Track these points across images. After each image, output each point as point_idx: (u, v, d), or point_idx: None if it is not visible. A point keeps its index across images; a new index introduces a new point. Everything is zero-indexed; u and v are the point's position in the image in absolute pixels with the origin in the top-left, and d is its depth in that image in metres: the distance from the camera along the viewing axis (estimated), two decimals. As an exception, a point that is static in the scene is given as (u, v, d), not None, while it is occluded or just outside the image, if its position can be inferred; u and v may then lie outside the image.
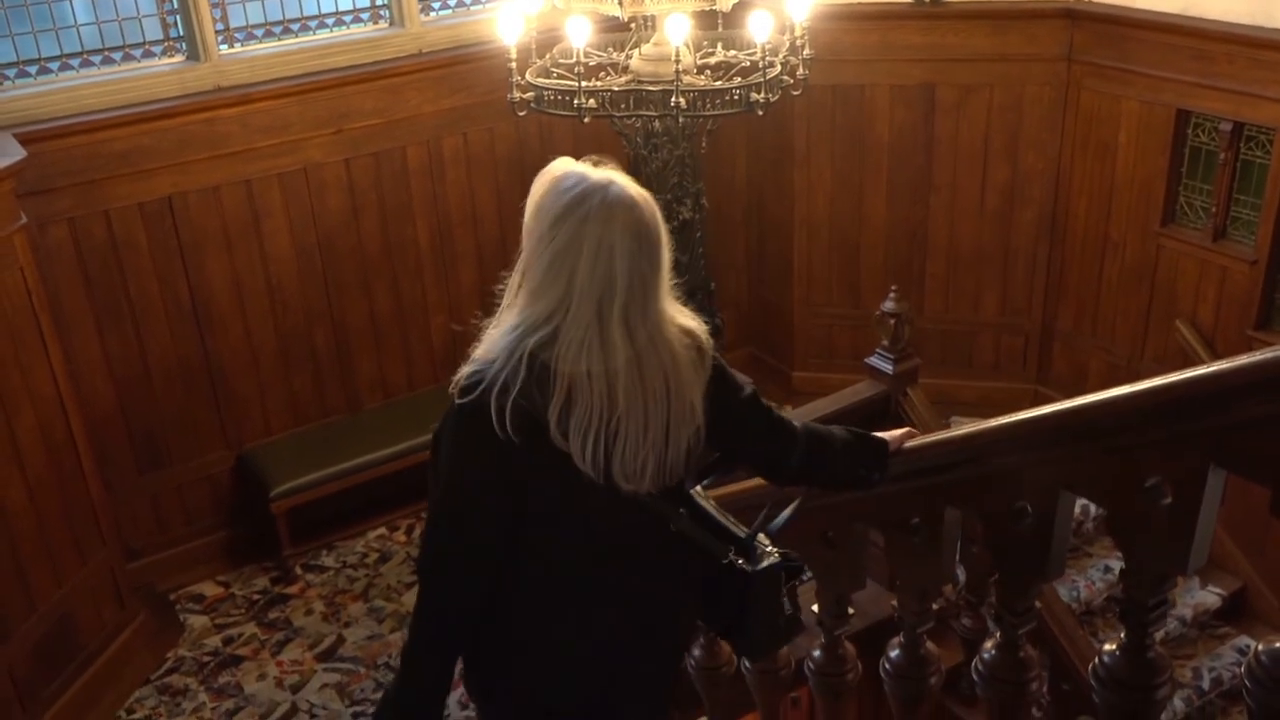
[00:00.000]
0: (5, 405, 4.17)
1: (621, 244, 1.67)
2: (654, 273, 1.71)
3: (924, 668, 2.26)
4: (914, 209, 5.97)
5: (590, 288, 1.67)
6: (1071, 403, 1.74)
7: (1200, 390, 1.52)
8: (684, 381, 1.74)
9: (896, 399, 4.58)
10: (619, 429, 1.68)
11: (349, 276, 5.57)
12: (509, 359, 1.69)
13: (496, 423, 1.65)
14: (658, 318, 1.73)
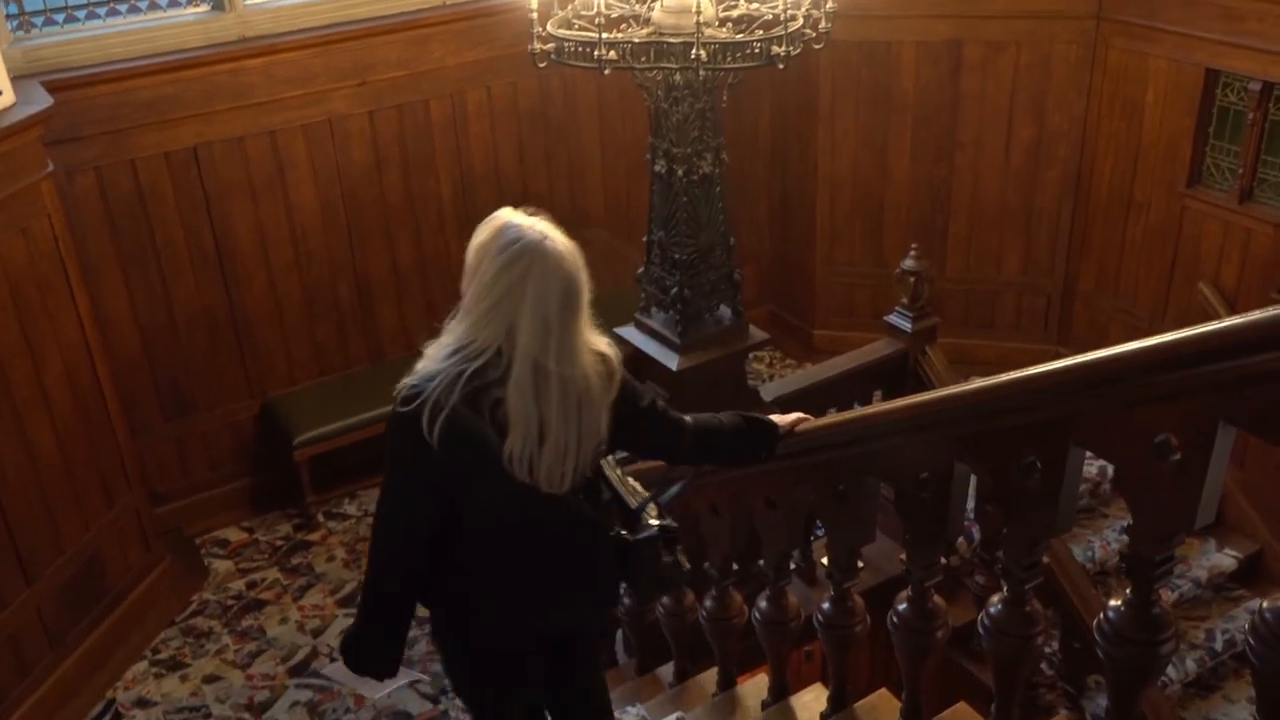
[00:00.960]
0: (34, 352, 4.23)
1: (555, 295, 2.00)
2: (577, 315, 2.04)
3: (931, 621, 2.29)
4: (938, 167, 5.93)
5: (530, 335, 1.99)
6: (1082, 357, 1.75)
7: (1210, 345, 1.52)
8: (595, 403, 2.09)
9: (914, 357, 4.58)
10: (544, 450, 2.03)
11: (372, 228, 5.60)
12: (444, 380, 2.00)
13: (426, 432, 1.97)
14: (579, 351, 2.05)
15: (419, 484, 2.07)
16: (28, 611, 4.31)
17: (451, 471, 2.03)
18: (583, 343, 2.06)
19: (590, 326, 2.10)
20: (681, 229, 3.71)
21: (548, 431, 2.02)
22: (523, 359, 1.99)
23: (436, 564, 2.16)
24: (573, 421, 2.04)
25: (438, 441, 1.96)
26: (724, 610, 3.07)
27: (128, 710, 4.48)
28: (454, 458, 2.00)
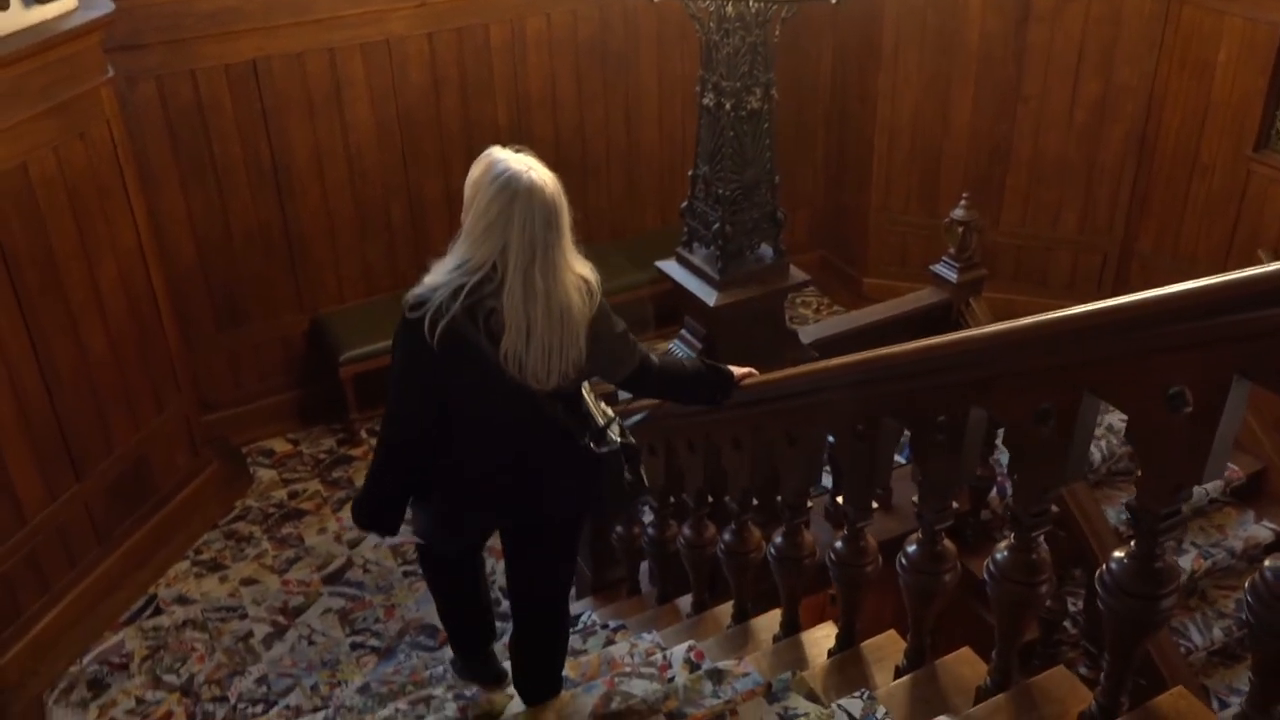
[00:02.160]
0: (90, 255, 4.34)
1: (539, 217, 2.27)
2: (559, 236, 2.32)
3: (939, 564, 2.30)
4: (1000, 119, 5.81)
5: (519, 251, 2.27)
6: (1098, 303, 1.73)
7: (1228, 296, 1.50)
8: (575, 315, 2.35)
9: (958, 308, 4.54)
10: (531, 349, 2.31)
11: (427, 151, 5.63)
12: (446, 291, 2.29)
13: (428, 335, 2.27)
14: (562, 268, 2.32)
15: (420, 379, 2.39)
16: (76, 506, 4.47)
17: (446, 370, 2.34)
18: (565, 261, 2.34)
19: (573, 251, 2.38)
20: (726, 164, 3.68)
21: (534, 333, 2.30)
22: (514, 273, 2.27)
23: (432, 452, 2.52)
24: (556, 327, 2.32)
25: (437, 343, 2.27)
26: (741, 545, 3.10)
27: (168, 606, 4.65)
28: (449, 358, 2.31)
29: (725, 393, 2.79)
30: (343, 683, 4.19)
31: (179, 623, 4.56)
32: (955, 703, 2.31)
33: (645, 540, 3.78)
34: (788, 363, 4.12)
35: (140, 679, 4.29)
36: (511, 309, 2.27)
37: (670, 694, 2.80)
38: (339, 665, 4.30)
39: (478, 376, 2.36)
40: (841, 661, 2.68)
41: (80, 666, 4.36)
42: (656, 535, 3.70)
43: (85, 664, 4.37)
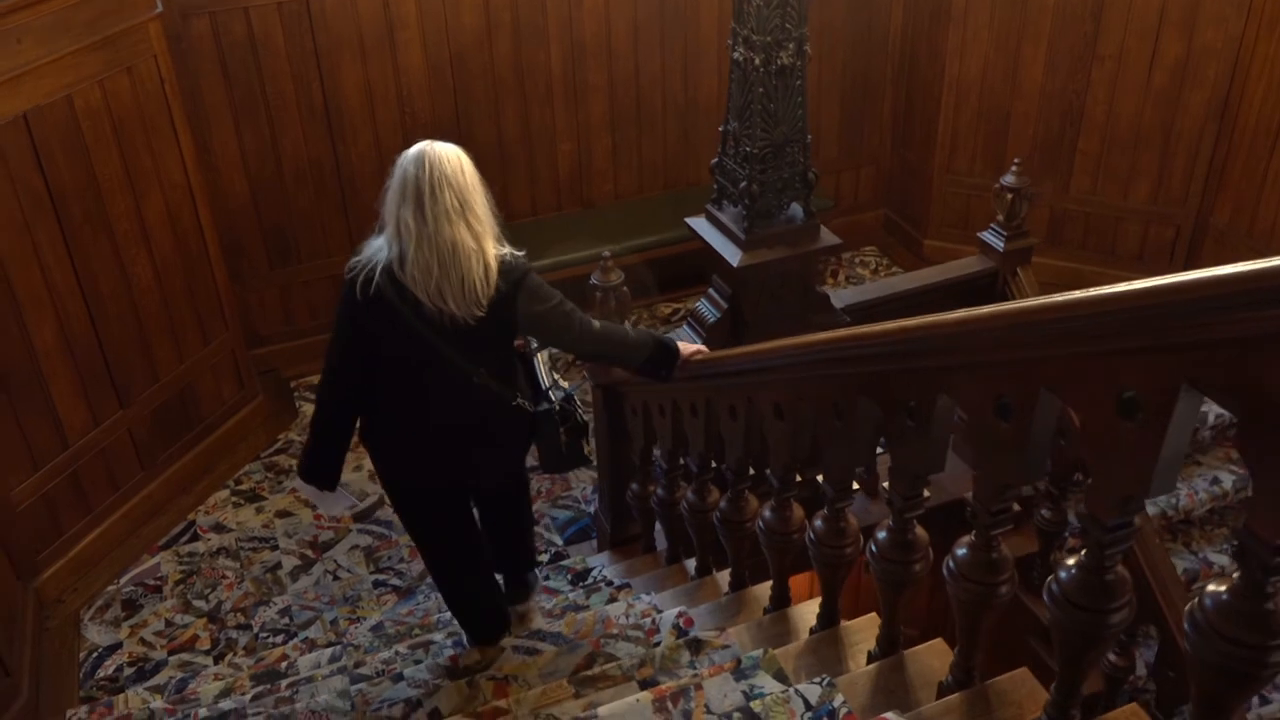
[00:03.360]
0: (135, 188, 4.43)
1: (440, 175, 2.63)
2: (466, 203, 2.64)
3: (909, 553, 2.22)
4: (1073, 80, 5.54)
5: (426, 211, 2.59)
6: (1053, 297, 1.63)
7: (1173, 299, 1.39)
8: (484, 267, 2.63)
9: (1004, 277, 4.37)
10: (429, 282, 2.58)
11: (479, 95, 5.60)
12: (379, 253, 2.65)
13: (358, 291, 2.62)
14: (471, 227, 2.63)
15: (349, 334, 2.73)
16: (120, 431, 4.62)
17: (371, 325, 2.67)
18: (473, 223, 2.64)
19: (492, 235, 2.70)
20: (756, 121, 3.57)
21: (429, 272, 2.58)
22: (418, 235, 2.58)
23: (364, 407, 2.84)
24: (448, 266, 2.58)
25: (362, 304, 2.61)
26: (737, 513, 3.05)
27: (205, 533, 4.79)
28: (371, 315, 2.64)
29: (666, 366, 3.01)
30: (360, 619, 4.28)
31: (213, 550, 4.69)
32: (918, 696, 2.24)
33: (654, 500, 3.75)
34: (816, 327, 4.04)
35: (172, 602, 4.44)
36: (418, 253, 2.58)
37: (647, 660, 2.79)
38: (360, 601, 4.39)
39: (399, 332, 2.65)
40: (819, 641, 2.62)
41: (117, 586, 4.53)
42: (665, 496, 3.67)
43: (122, 584, 4.53)
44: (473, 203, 2.66)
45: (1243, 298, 1.30)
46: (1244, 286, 1.29)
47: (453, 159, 2.66)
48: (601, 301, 3.74)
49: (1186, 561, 4.81)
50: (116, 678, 4.11)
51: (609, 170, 6.02)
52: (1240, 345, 1.34)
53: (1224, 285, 1.32)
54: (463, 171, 2.67)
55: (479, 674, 3.02)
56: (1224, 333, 1.36)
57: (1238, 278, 1.30)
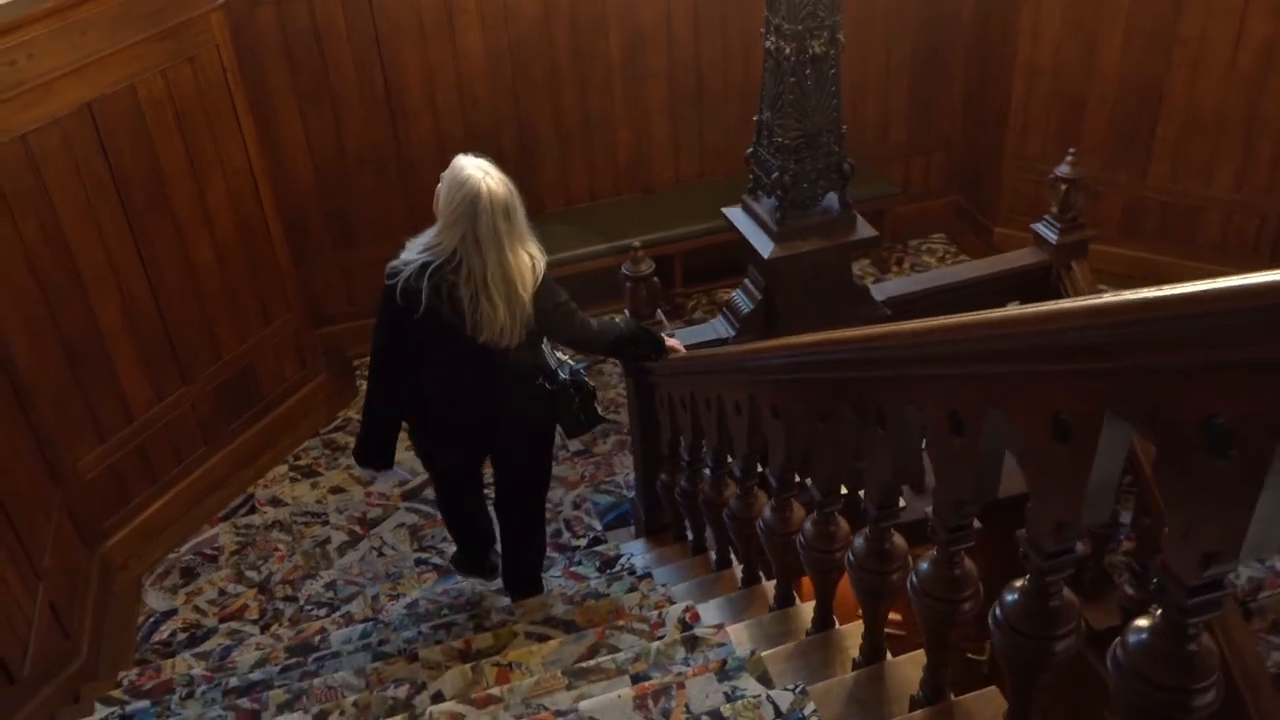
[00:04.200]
0: (197, 174, 4.58)
1: (496, 211, 2.92)
2: (513, 227, 2.97)
3: (886, 563, 2.18)
4: (1151, 62, 5.30)
5: (481, 237, 2.92)
6: (1001, 312, 1.57)
7: (1089, 324, 1.33)
8: (524, 289, 3.00)
9: (1057, 271, 4.23)
10: (483, 314, 2.96)
11: (538, 81, 5.62)
12: (414, 266, 2.99)
13: (398, 299, 2.98)
14: (514, 251, 2.97)
15: (392, 333, 3.07)
16: (183, 407, 4.80)
17: (413, 328, 2.98)
18: (519, 247, 2.98)
19: (527, 237, 3.02)
20: (788, 111, 3.51)
21: (484, 304, 2.95)
22: (472, 256, 2.93)
23: (411, 393, 3.21)
24: (501, 300, 2.95)
25: (404, 308, 2.96)
26: (746, 510, 3.04)
27: (261, 506, 4.96)
28: (414, 319, 2.95)
29: (651, 356, 3.52)
30: (400, 595, 4.38)
31: (268, 523, 4.86)
32: (891, 709, 2.21)
33: (678, 492, 3.76)
34: (855, 320, 3.97)
35: (226, 571, 4.62)
36: (472, 286, 2.93)
37: (642, 655, 2.80)
38: (401, 578, 4.50)
39: (440, 335, 3.01)
40: (811, 645, 2.60)
41: (178, 554, 4.72)
42: (688, 488, 3.67)
43: (182, 553, 4.73)
44: (519, 226, 2.99)
45: (1149, 325, 1.24)
46: (1147, 314, 1.23)
47: (501, 192, 2.94)
48: (632, 291, 3.75)
49: (1253, 570, 4.61)
50: (170, 642, 4.30)
51: (670, 156, 5.99)
52: (1153, 375, 1.28)
53: (1134, 311, 1.26)
54: (512, 195, 2.98)
55: (485, 659, 3.08)
56: (1139, 361, 1.30)
57: (1144, 304, 1.25)
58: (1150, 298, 1.22)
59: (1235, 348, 1.13)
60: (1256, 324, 1.08)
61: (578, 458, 5.11)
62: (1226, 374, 1.15)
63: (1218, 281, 1.13)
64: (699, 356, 3.07)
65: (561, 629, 3.31)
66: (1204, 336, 1.16)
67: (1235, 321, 1.11)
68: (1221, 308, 1.11)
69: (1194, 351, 1.19)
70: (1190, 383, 1.20)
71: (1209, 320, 1.14)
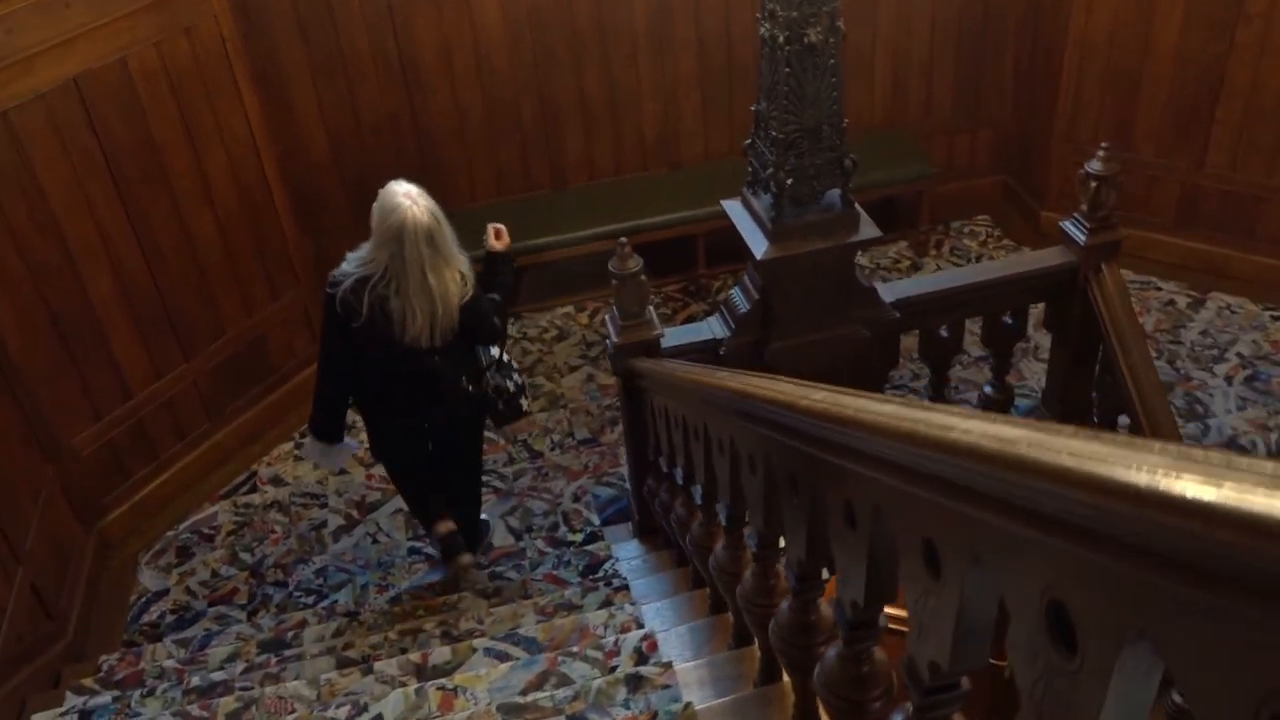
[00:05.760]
0: (195, 146, 4.48)
1: (420, 235, 3.28)
2: (435, 249, 3.33)
3: (810, 636, 1.99)
4: (1213, 41, 4.89)
5: (407, 259, 3.29)
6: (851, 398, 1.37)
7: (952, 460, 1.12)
8: (450, 301, 3.39)
9: (1085, 274, 3.92)
10: (415, 324, 3.36)
11: (559, 53, 5.41)
12: (351, 280, 3.37)
13: (339, 307, 3.39)
14: (437, 272, 3.35)
15: (334, 337, 3.50)
16: (185, 383, 4.76)
17: (350, 333, 3.40)
18: (443, 268, 3.35)
19: (453, 258, 3.40)
20: (782, 103, 3.26)
21: (419, 314, 3.34)
22: (398, 276, 3.31)
23: (353, 387, 3.66)
24: (435, 309, 3.34)
25: (344, 316, 3.36)
26: (707, 538, 2.85)
27: (263, 484, 4.92)
28: (351, 326, 3.37)
29: (510, 278, 3.84)
30: (390, 586, 4.30)
31: (268, 503, 4.81)
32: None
33: (658, 504, 3.59)
34: (860, 322, 3.73)
35: (221, 552, 4.59)
36: (401, 299, 3.32)
37: (582, 693, 2.66)
38: (393, 568, 4.42)
39: (377, 340, 3.39)
40: (750, 700, 2.43)
41: (176, 532, 4.70)
42: (667, 500, 3.50)
43: (180, 530, 4.71)
44: (443, 250, 3.34)
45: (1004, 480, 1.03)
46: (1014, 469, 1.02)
47: (425, 220, 3.28)
48: (619, 290, 3.56)
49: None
50: (158, 624, 4.29)
51: (699, 129, 5.74)
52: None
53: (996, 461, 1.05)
54: (438, 223, 3.32)
55: (433, 681, 2.96)
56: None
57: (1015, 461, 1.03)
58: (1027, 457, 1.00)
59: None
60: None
61: (583, 446, 4.96)
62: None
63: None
64: (676, 373, 2.84)
65: (522, 647, 3.18)
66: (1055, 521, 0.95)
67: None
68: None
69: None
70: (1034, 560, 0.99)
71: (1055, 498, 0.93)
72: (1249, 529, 0.67)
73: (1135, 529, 0.79)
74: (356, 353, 3.47)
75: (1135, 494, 0.78)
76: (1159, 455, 0.83)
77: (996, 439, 0.99)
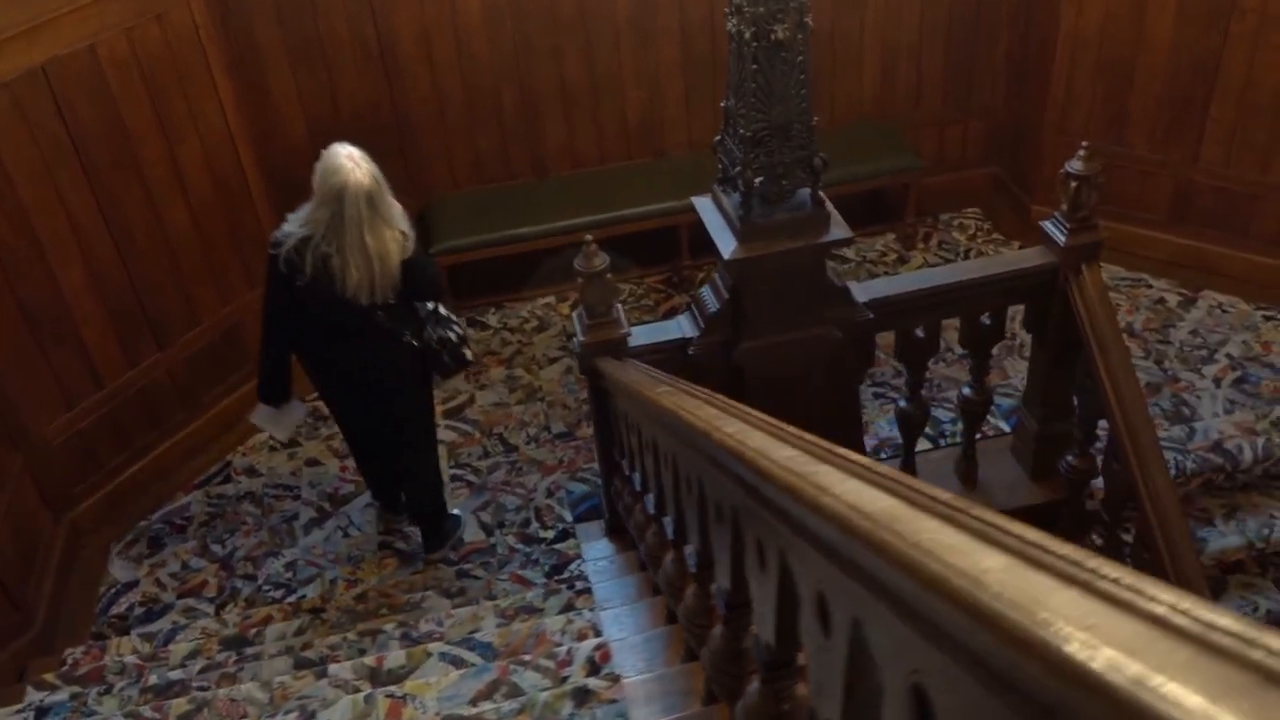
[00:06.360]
0: (168, 134, 4.43)
1: (360, 196, 3.39)
2: (375, 210, 3.44)
3: (737, 664, 1.94)
4: (1208, 34, 4.78)
5: (346, 219, 3.40)
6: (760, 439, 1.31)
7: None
8: (390, 260, 3.50)
9: (1065, 275, 3.84)
10: (348, 281, 3.46)
11: (539, 41, 5.33)
12: (294, 238, 3.47)
13: (283, 266, 3.49)
14: (376, 231, 3.46)
15: (278, 296, 3.61)
16: (159, 372, 4.72)
17: (297, 293, 3.51)
18: (383, 228, 3.47)
19: (393, 218, 3.53)
20: (750, 100, 3.19)
21: (349, 271, 3.44)
22: (338, 235, 3.42)
23: (296, 342, 3.80)
24: (375, 267, 3.45)
25: (288, 275, 3.48)
26: (659, 548, 2.81)
27: (237, 475, 4.89)
28: (293, 281, 3.48)
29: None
30: (357, 581, 4.27)
31: (241, 494, 4.78)
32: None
33: (621, 506, 3.54)
34: (831, 323, 3.66)
35: (192, 544, 4.56)
36: (341, 257, 3.43)
37: (528, 707, 2.62)
38: (362, 563, 4.38)
39: (320, 297, 3.49)
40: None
41: (148, 522, 4.68)
42: (629, 504, 3.45)
43: (153, 521, 4.68)
44: (382, 210, 3.46)
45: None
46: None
47: (366, 182, 3.40)
48: (584, 288, 3.50)
49: (1272, 602, 4.25)
50: (127, 616, 4.26)
51: (682, 118, 5.66)
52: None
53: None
54: (378, 186, 3.44)
55: (383, 689, 2.93)
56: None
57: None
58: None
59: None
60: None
61: (559, 441, 4.91)
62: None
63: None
64: (625, 380, 2.79)
65: (477, 653, 3.14)
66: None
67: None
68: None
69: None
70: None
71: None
72: (1062, 674, 0.61)
73: (976, 645, 0.74)
74: (300, 310, 3.59)
75: (974, 609, 0.72)
76: (1012, 553, 0.78)
77: (860, 513, 0.93)
